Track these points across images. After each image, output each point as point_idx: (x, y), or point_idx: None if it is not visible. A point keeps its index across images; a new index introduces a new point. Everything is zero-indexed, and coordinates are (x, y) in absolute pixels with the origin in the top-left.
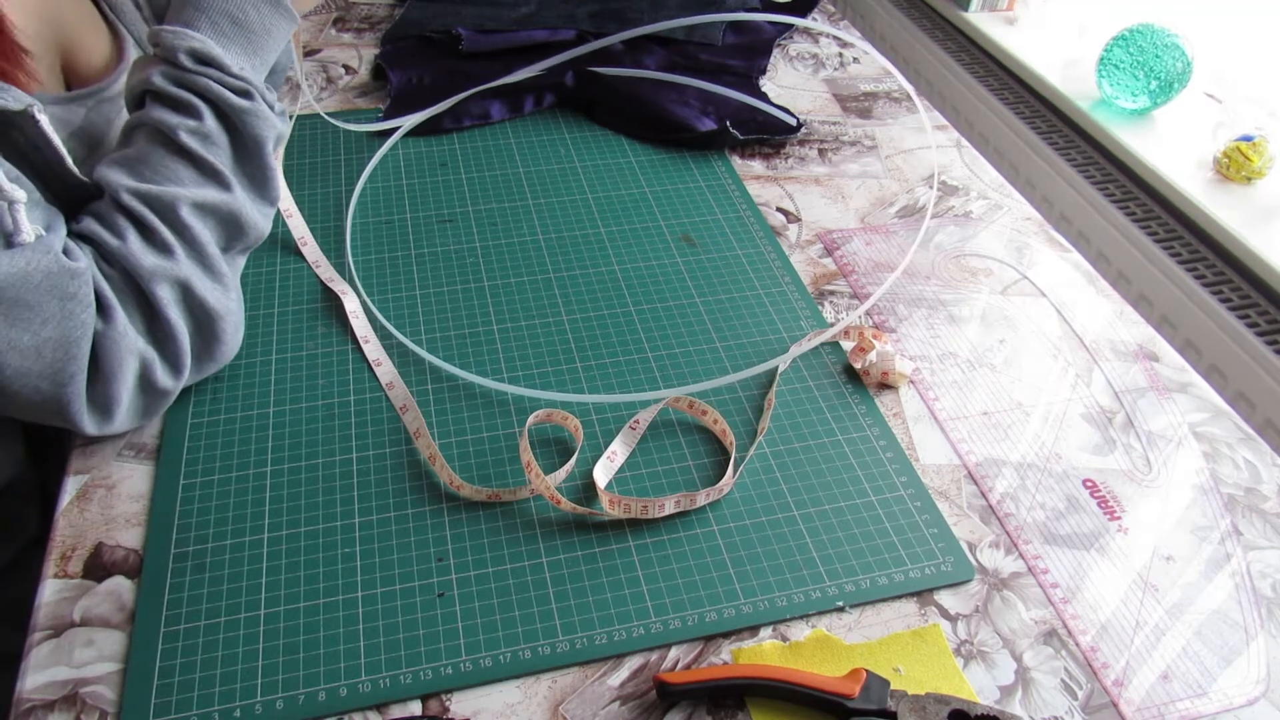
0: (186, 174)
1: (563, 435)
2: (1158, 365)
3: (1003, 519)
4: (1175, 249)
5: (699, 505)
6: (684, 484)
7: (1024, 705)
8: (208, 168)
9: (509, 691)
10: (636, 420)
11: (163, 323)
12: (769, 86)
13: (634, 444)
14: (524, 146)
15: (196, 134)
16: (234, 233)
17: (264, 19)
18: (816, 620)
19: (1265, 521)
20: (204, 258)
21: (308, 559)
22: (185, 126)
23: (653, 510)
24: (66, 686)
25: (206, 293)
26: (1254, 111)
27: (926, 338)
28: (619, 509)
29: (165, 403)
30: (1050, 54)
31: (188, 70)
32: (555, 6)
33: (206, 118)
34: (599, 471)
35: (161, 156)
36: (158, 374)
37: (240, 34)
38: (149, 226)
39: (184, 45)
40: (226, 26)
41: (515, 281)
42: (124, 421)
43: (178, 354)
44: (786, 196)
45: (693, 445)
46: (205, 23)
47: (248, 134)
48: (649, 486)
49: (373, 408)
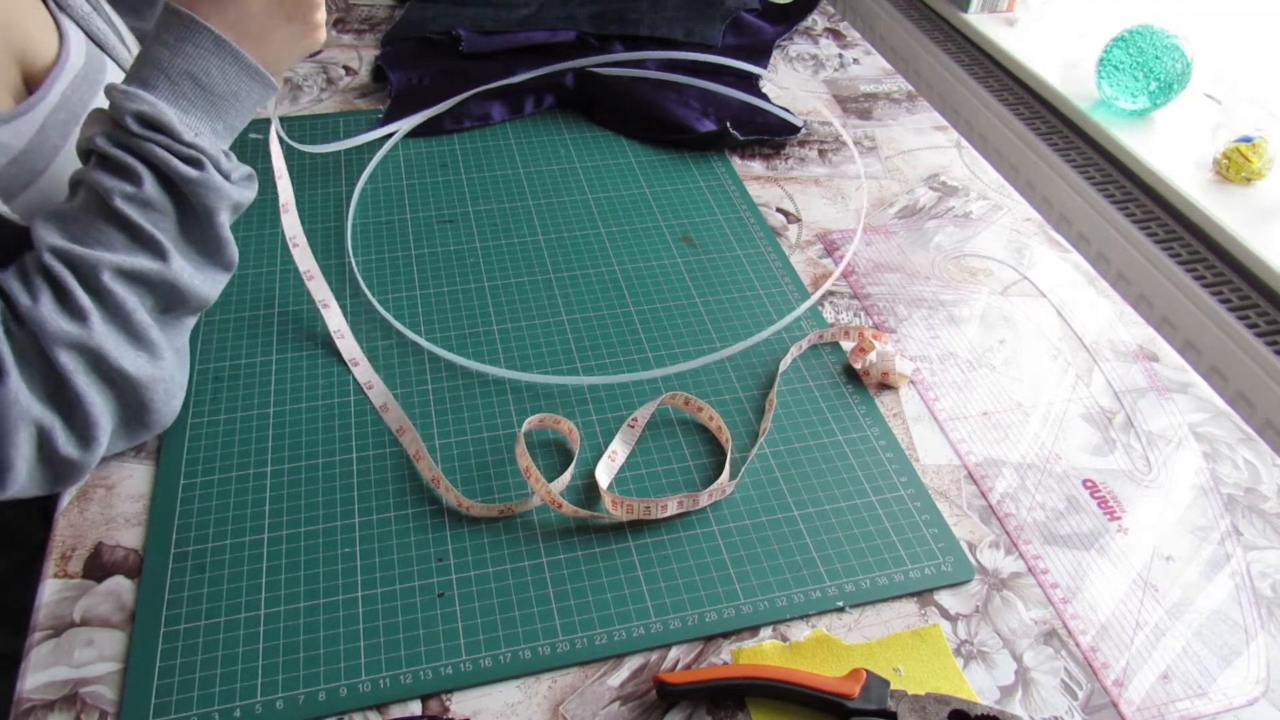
0: (118, 239)
1: (561, 438)
2: (1158, 365)
3: (1003, 519)
4: (1175, 250)
5: (701, 506)
6: (684, 484)
7: (1024, 705)
8: (142, 235)
9: (509, 691)
10: (635, 418)
11: (68, 390)
12: (769, 87)
13: (633, 442)
14: (524, 147)
15: (133, 200)
16: (172, 300)
17: (232, 83)
18: (816, 620)
19: (1265, 521)
20: (127, 324)
21: (308, 559)
22: (121, 191)
23: (655, 511)
24: (66, 686)
25: (126, 361)
26: (1254, 112)
27: (926, 338)
28: (621, 510)
29: (76, 472)
30: (1050, 55)
31: (133, 134)
32: (555, 7)
33: (146, 184)
34: (601, 472)
35: (94, 218)
36: (59, 442)
37: (203, 97)
38: (65, 289)
39: (131, 108)
40: (188, 88)
41: (515, 282)
42: (24, 487)
43: (86, 423)
44: (786, 197)
45: (692, 444)
46: (164, 83)
47: (196, 204)
48: (649, 487)
49: (373, 408)
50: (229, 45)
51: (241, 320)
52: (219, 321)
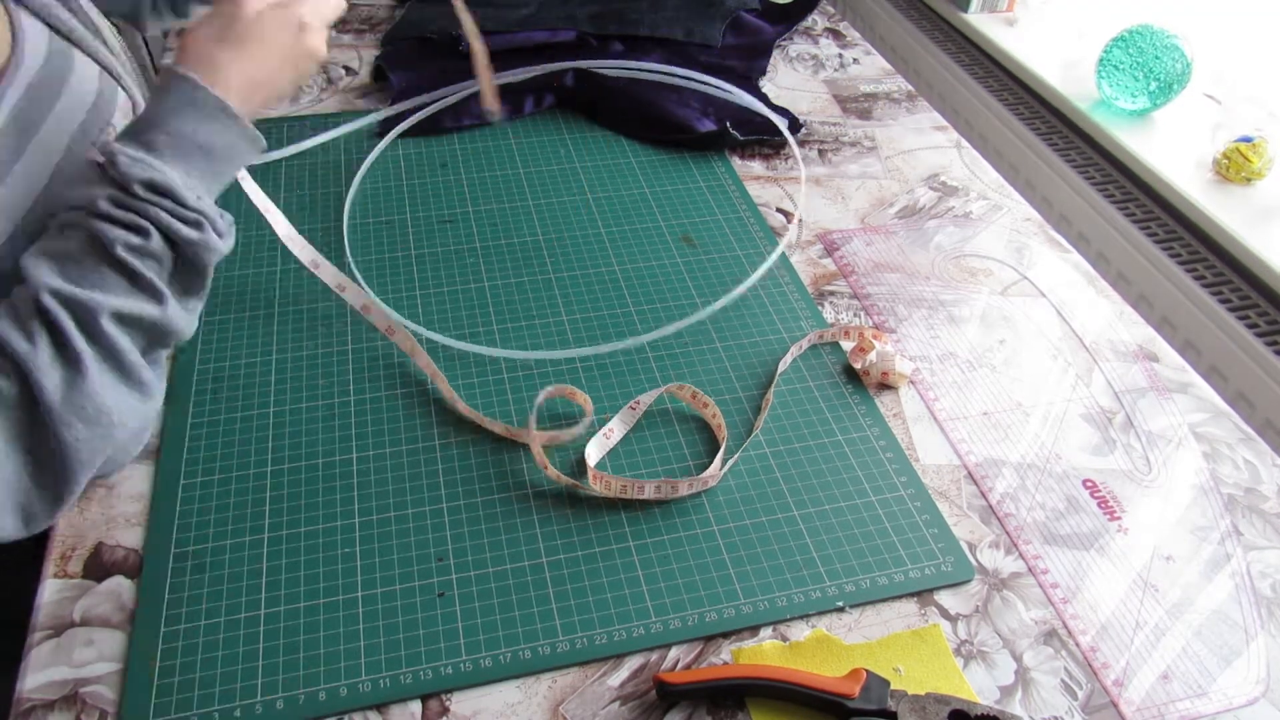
0: (117, 283)
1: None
2: (1158, 365)
3: (1003, 519)
4: (1175, 250)
5: (681, 494)
6: (678, 474)
7: (1024, 705)
8: (141, 281)
9: (509, 691)
10: (636, 402)
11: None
12: (769, 87)
13: (632, 423)
14: (524, 147)
15: (136, 250)
16: (158, 339)
17: (230, 145)
18: (816, 620)
19: (1265, 521)
20: (121, 366)
21: (308, 559)
22: (126, 242)
23: (631, 491)
24: (66, 686)
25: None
26: (1254, 112)
27: (926, 338)
28: (601, 485)
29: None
30: (1050, 55)
31: (139, 199)
32: (555, 7)
33: (151, 239)
34: (592, 447)
35: (95, 263)
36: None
37: (204, 160)
38: (62, 332)
39: (141, 176)
40: (193, 152)
41: (516, 282)
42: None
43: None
44: (786, 197)
45: (690, 438)
46: (169, 148)
47: (195, 261)
48: (645, 475)
49: (373, 408)
50: (229, 111)
51: (241, 320)
52: (219, 321)
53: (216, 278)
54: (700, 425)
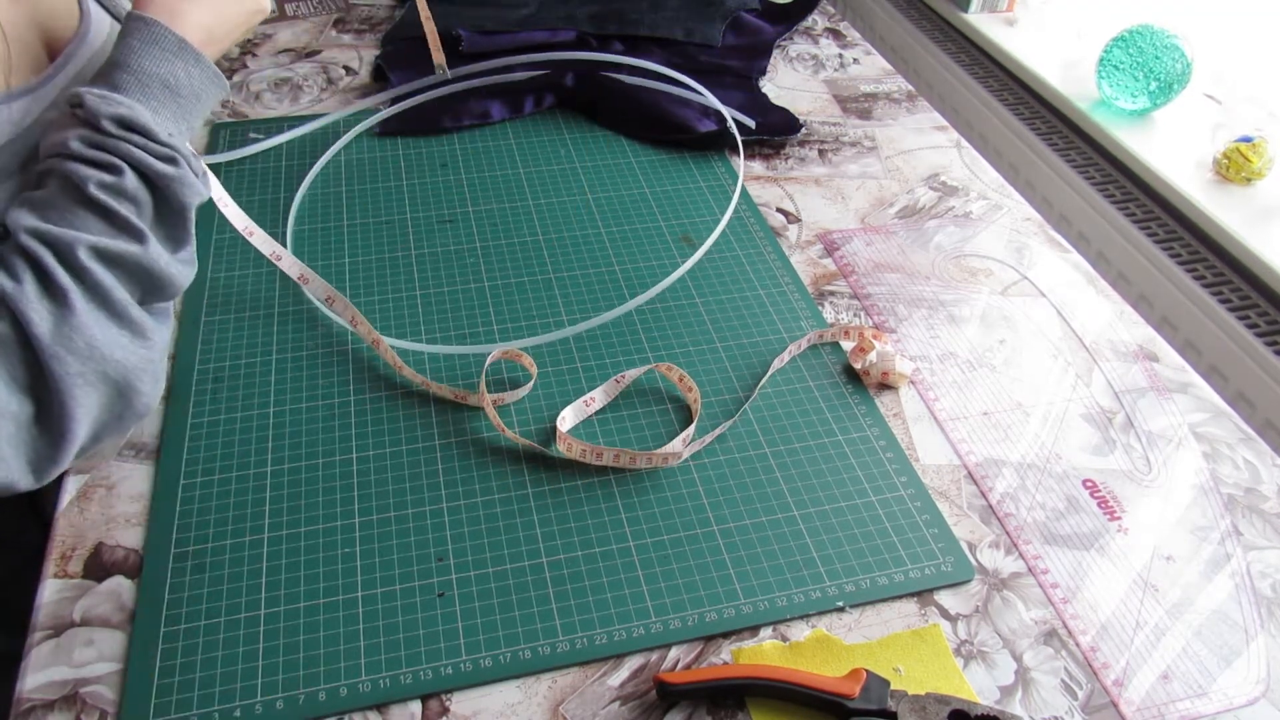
0: (95, 224)
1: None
2: (1158, 365)
3: (1003, 519)
4: (1175, 250)
5: (639, 466)
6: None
7: (1024, 705)
8: (118, 219)
9: (509, 691)
10: (622, 375)
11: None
12: (769, 87)
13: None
14: (524, 147)
15: (110, 189)
16: (149, 286)
17: (194, 83)
18: (816, 620)
19: (1265, 521)
20: (107, 303)
21: (308, 559)
22: (98, 180)
23: (590, 457)
24: (66, 686)
25: (111, 342)
26: (1254, 112)
27: (926, 338)
28: (564, 446)
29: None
30: (1050, 55)
31: (110, 135)
32: (555, 7)
33: (125, 176)
34: (570, 411)
35: (70, 204)
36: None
37: (172, 99)
38: (46, 269)
39: (109, 112)
40: (157, 90)
41: (515, 282)
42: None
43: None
44: (786, 197)
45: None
46: (135, 86)
47: (173, 200)
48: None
49: (373, 407)
50: (190, 48)
51: (241, 320)
52: (219, 321)
53: (216, 278)
54: (683, 409)
